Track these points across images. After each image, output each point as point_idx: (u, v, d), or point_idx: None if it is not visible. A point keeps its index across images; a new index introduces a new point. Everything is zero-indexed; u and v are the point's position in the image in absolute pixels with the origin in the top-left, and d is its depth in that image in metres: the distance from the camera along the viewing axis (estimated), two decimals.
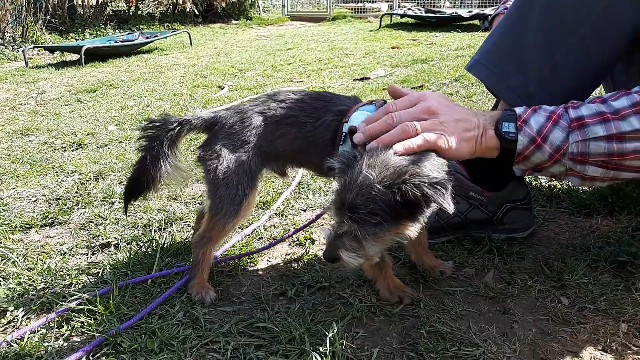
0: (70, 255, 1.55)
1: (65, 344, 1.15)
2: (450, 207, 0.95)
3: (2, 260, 1.50)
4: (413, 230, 1.03)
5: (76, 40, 7.90)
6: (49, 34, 7.85)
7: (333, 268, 1.42)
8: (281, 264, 1.46)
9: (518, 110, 1.10)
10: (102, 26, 8.73)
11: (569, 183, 1.90)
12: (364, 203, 0.98)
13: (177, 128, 1.32)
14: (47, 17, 7.79)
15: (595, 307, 1.20)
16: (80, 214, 1.82)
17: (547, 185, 1.93)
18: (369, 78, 4.40)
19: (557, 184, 1.93)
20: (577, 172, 1.08)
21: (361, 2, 13.62)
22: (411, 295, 1.27)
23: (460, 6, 13.53)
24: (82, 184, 2.12)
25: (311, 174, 2.15)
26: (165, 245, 1.50)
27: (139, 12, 10.00)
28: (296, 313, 1.22)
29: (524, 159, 1.09)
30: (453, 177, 1.50)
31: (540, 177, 1.98)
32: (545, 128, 1.06)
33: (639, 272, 1.32)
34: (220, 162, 1.24)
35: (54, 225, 1.75)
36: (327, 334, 1.12)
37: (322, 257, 1.46)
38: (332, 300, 1.28)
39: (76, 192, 2.00)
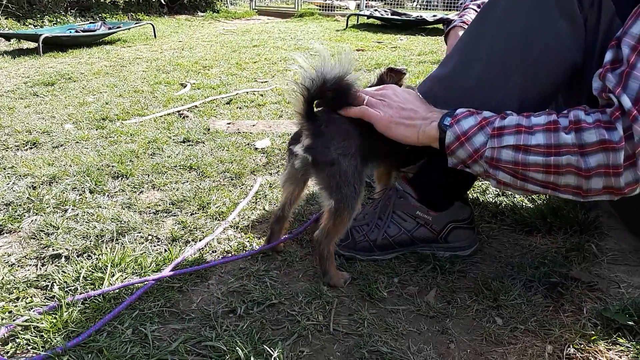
0: (19, 266, 1.53)
1: None
2: None
3: None
4: None
5: (34, 27, 7.66)
6: (5, 19, 7.58)
7: (283, 284, 1.46)
8: (232, 280, 1.48)
9: (460, 110, 1.26)
10: (63, 13, 8.47)
11: (515, 197, 1.99)
12: None
13: None
14: (4, 2, 7.51)
15: (526, 327, 1.28)
16: (31, 221, 1.80)
17: (493, 201, 2.02)
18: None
19: (504, 199, 2.02)
20: (492, 175, 1.22)
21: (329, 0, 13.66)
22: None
23: (427, 9, 13.74)
24: (34, 188, 2.09)
25: (270, 184, 2.18)
26: (116, 259, 1.51)
27: (102, 0, 9.74)
28: (244, 331, 1.25)
29: (451, 153, 1.26)
30: (401, 197, 1.58)
31: (487, 194, 2.07)
32: (471, 130, 1.21)
33: (568, 293, 1.41)
34: None
35: (3, 234, 1.72)
36: (273, 353, 1.16)
37: (273, 272, 1.50)
38: (281, 317, 1.32)
39: (28, 197, 1.97)
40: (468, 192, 2.00)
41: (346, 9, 13.36)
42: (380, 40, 7.70)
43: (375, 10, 10.58)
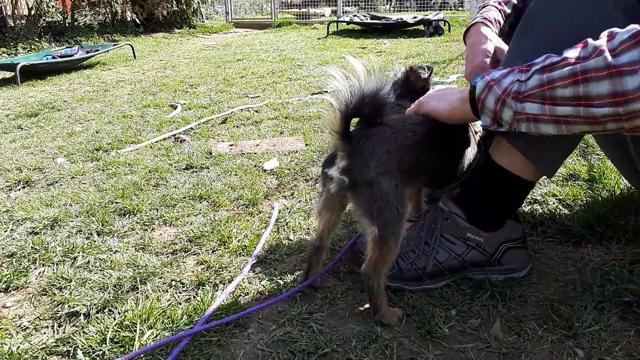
0: (33, 330, 1.37)
1: None
2: None
3: None
4: None
5: (8, 55, 7.41)
6: None
7: (331, 327, 1.32)
8: (273, 326, 1.34)
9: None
10: (37, 39, 8.22)
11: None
12: None
13: None
14: None
15: (613, 359, 1.16)
16: (39, 274, 1.63)
17: (528, 210, 1.90)
18: (327, 92, 4.33)
19: (539, 207, 1.91)
20: (520, 113, 1.12)
21: (305, 8, 13.58)
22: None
23: (400, 11, 13.75)
24: (36, 234, 1.92)
25: (289, 209, 2.04)
26: (143, 315, 1.35)
27: (76, 23, 9.50)
28: None
29: (482, 106, 1.18)
30: (448, 219, 1.45)
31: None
32: (501, 75, 1.14)
33: None
34: None
35: (10, 291, 1.56)
36: None
37: (318, 315, 1.36)
38: None
39: (32, 246, 1.80)
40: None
41: (322, 16, 13.28)
42: (364, 45, 7.61)
43: (355, 15, 10.49)
